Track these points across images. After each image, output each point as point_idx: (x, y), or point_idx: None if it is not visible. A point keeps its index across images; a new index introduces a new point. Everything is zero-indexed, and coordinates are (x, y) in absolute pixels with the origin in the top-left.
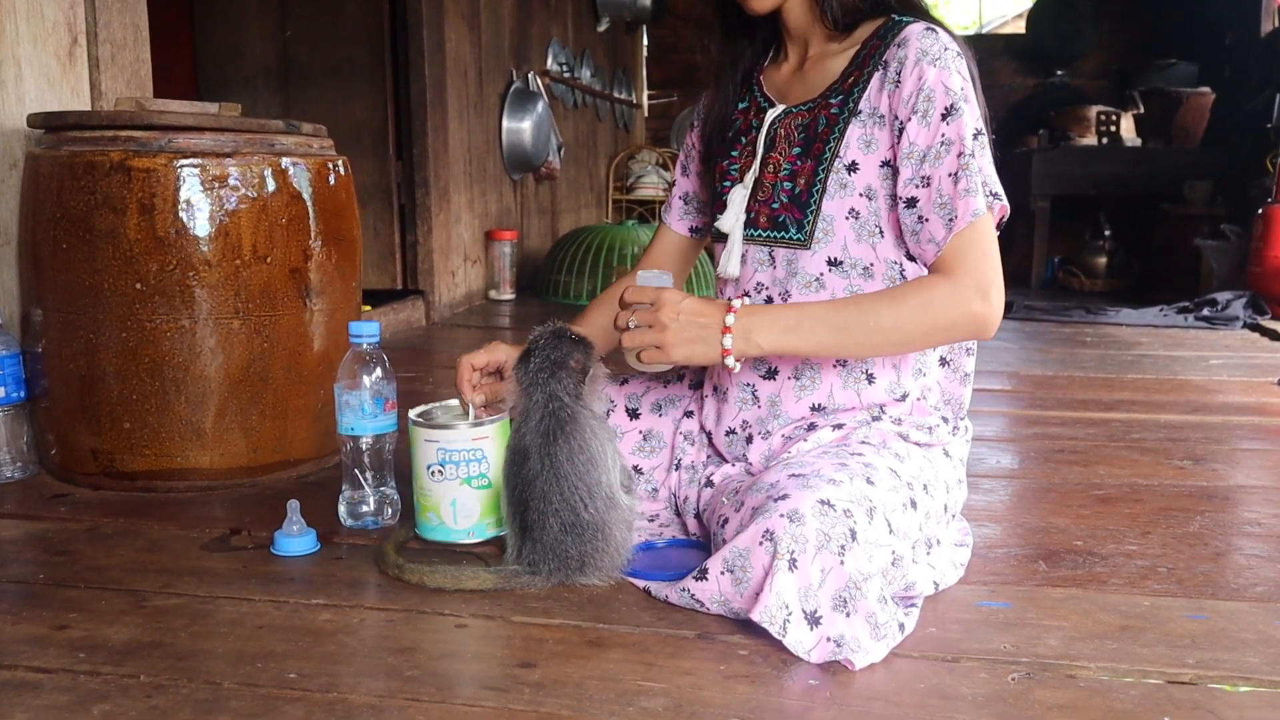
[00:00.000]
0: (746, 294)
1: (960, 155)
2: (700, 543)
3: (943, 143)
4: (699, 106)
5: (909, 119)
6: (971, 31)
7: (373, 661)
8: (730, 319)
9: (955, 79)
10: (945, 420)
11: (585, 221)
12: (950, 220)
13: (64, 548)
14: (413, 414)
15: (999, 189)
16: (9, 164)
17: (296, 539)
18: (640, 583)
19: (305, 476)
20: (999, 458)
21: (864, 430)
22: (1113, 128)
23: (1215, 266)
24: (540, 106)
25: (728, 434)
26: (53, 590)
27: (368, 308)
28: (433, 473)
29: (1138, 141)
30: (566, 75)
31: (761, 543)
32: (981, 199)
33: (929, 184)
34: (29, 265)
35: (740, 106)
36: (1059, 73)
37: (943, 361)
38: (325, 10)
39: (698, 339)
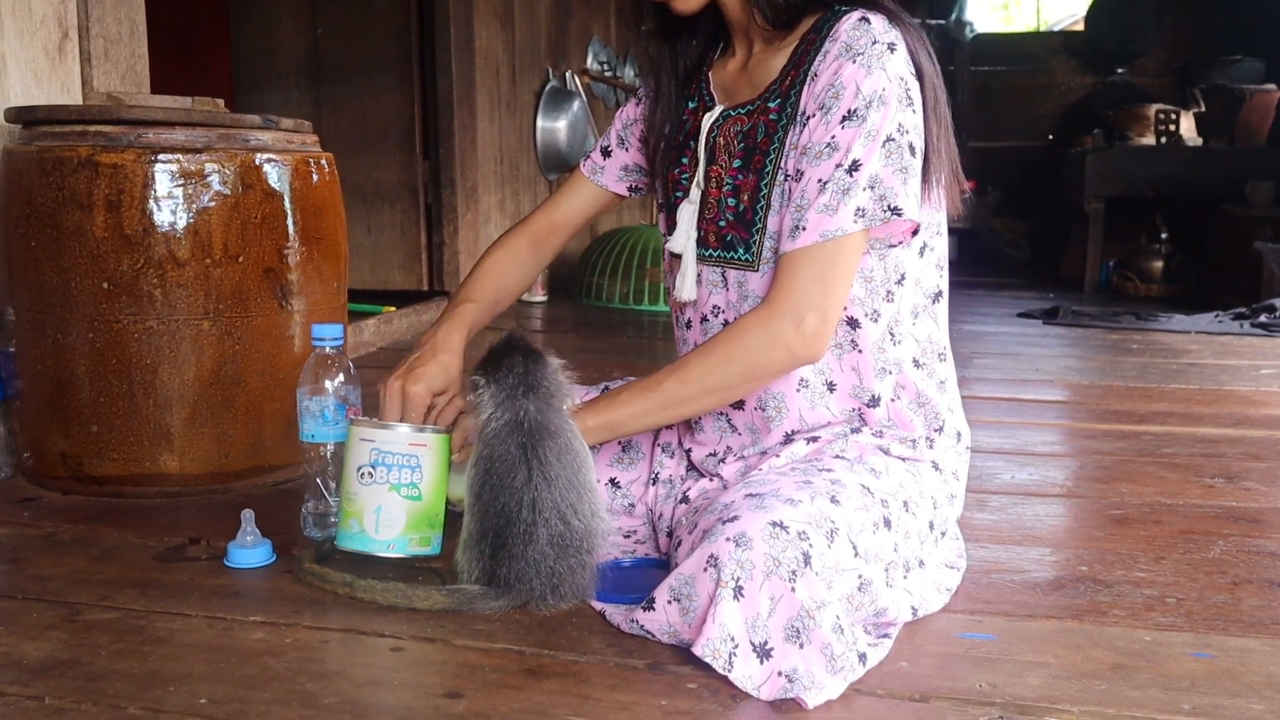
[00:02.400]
0: (705, 317)
1: (839, 166)
2: (668, 563)
3: (829, 144)
4: (646, 84)
5: (814, 113)
6: (1029, 30)
7: (291, 687)
8: None
9: (876, 79)
10: (938, 432)
11: (627, 222)
12: (796, 229)
13: (14, 555)
14: (355, 417)
15: (903, 203)
16: None
17: (250, 550)
18: (597, 605)
19: (281, 483)
20: (1014, 473)
21: (840, 444)
22: (1172, 127)
23: (1276, 271)
24: (577, 105)
25: (709, 455)
26: None
27: (390, 308)
28: (362, 475)
29: (1198, 141)
30: (608, 74)
31: (705, 569)
32: (846, 219)
33: (799, 180)
34: (2, 264)
35: (689, 106)
36: (1119, 70)
37: (916, 363)
38: (355, 6)
39: None
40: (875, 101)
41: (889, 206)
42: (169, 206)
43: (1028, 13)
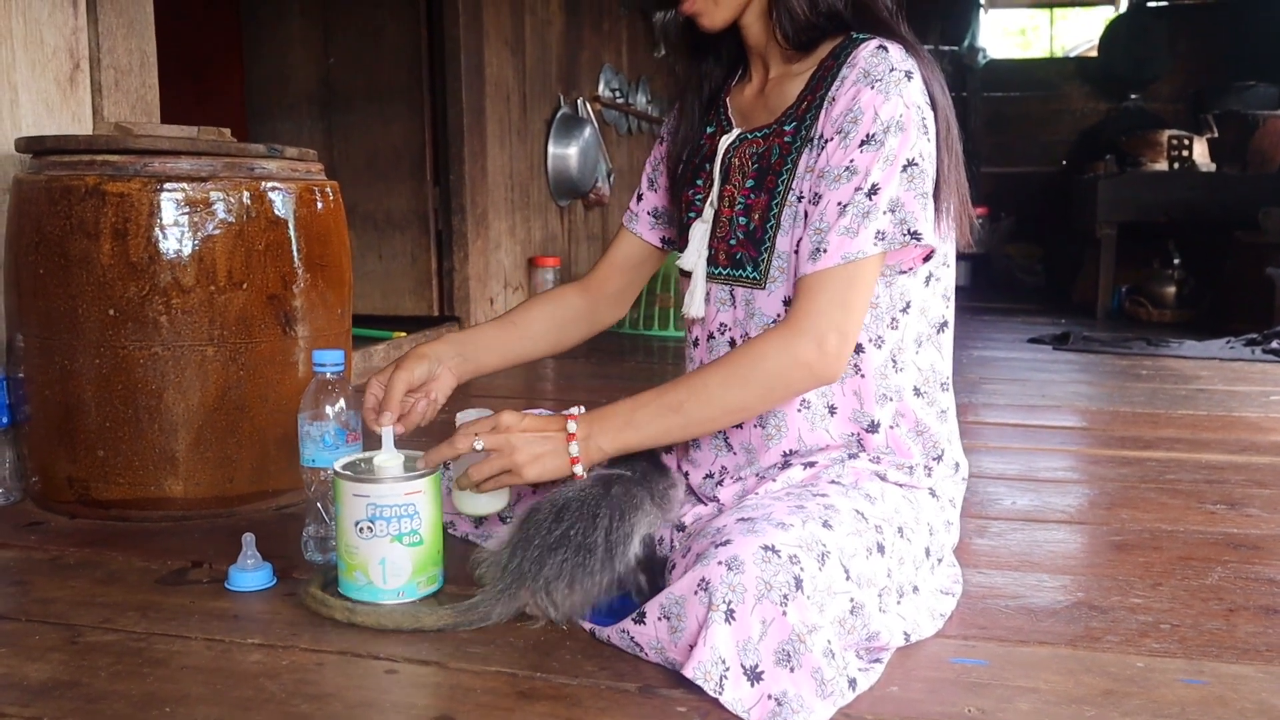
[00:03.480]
0: (712, 335)
1: (858, 189)
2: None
3: (848, 168)
4: (668, 119)
5: (832, 137)
6: (1042, 57)
7: (285, 709)
8: (573, 426)
9: (894, 105)
10: (936, 461)
11: None
12: (816, 252)
13: (21, 578)
14: (336, 465)
15: (921, 227)
16: (1, 190)
17: (250, 574)
18: (587, 625)
19: (285, 507)
20: (1015, 498)
21: (836, 469)
22: (1185, 152)
23: None
24: (588, 132)
25: (705, 478)
26: None
27: (401, 334)
28: (361, 529)
29: (1211, 167)
30: (620, 101)
31: (696, 592)
32: (866, 241)
33: (818, 203)
34: (12, 291)
35: (708, 130)
36: (1132, 96)
37: (917, 392)
38: (366, 35)
39: (547, 454)
40: (894, 126)
41: (909, 230)
42: (174, 234)
43: (1044, 38)
